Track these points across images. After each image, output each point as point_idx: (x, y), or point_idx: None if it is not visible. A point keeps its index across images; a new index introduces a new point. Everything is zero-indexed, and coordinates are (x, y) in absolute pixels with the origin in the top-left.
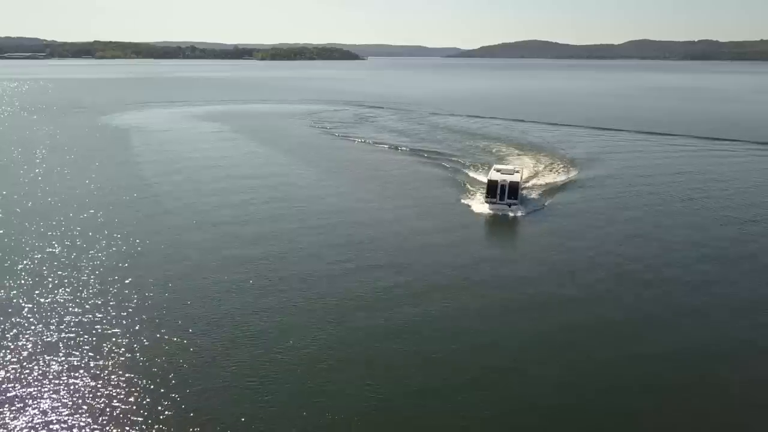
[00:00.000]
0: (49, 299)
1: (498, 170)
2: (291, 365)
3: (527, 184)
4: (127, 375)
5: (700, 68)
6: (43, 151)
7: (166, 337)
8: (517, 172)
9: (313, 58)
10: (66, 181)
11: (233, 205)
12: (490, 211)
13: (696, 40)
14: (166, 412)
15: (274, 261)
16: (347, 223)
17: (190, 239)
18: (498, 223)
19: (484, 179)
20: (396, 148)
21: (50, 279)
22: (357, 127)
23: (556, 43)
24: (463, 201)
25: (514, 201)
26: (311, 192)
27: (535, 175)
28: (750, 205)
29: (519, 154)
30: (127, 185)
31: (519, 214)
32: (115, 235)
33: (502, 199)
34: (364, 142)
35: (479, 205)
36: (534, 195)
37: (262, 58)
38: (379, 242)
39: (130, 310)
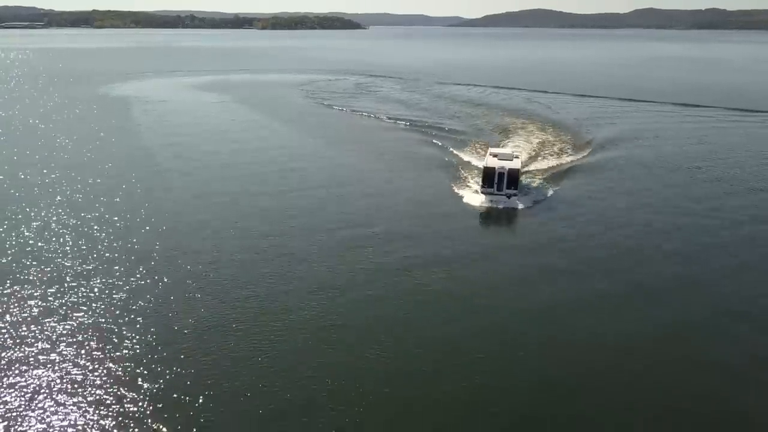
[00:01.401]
0: (49, 268)
1: (495, 155)
2: (287, 335)
3: (527, 168)
4: (120, 349)
5: (707, 37)
6: (44, 122)
7: (164, 302)
8: (517, 157)
9: (314, 28)
10: (67, 150)
11: (233, 176)
12: (487, 203)
13: (703, 8)
14: (163, 378)
15: (265, 235)
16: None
17: (190, 209)
18: (495, 218)
19: (480, 163)
20: (395, 120)
21: (49, 248)
22: (357, 98)
23: (560, 12)
24: (455, 190)
25: (514, 191)
26: (295, 167)
27: (536, 156)
28: None
29: (521, 128)
30: (127, 155)
31: (519, 206)
32: (114, 205)
33: (500, 188)
34: (362, 114)
35: (474, 195)
36: (535, 182)
37: (263, 28)
38: (365, 242)
39: (130, 280)
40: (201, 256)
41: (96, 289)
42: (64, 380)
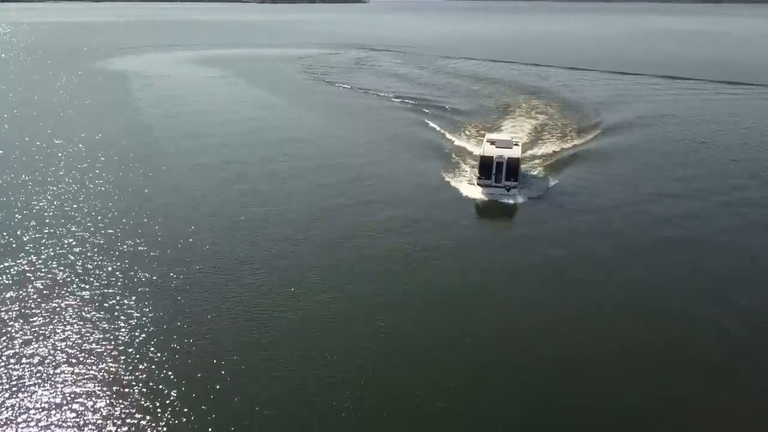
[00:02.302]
0: (50, 242)
1: (492, 142)
2: (281, 312)
3: (528, 152)
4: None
5: (714, 11)
6: (41, 97)
7: (161, 276)
8: (516, 144)
9: (314, 1)
10: (66, 125)
11: (232, 152)
12: (483, 197)
13: None
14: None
15: (255, 217)
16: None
17: (189, 183)
18: (492, 214)
19: (477, 150)
20: (391, 98)
21: (49, 222)
22: (355, 73)
23: None
24: (449, 181)
25: (513, 183)
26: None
27: (538, 140)
28: None
29: (523, 105)
30: (126, 130)
31: (519, 200)
32: (113, 180)
33: (498, 180)
34: (359, 90)
35: (469, 187)
36: (536, 171)
37: (261, 1)
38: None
39: (126, 254)
40: (200, 229)
41: (92, 266)
42: (60, 351)
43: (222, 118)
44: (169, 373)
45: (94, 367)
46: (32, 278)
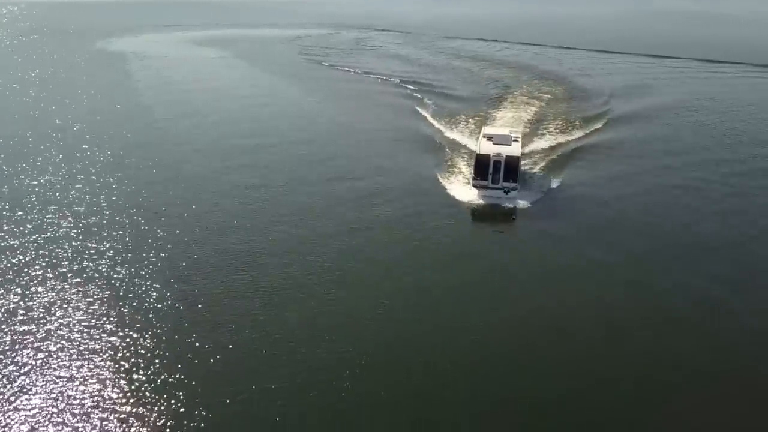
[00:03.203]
0: (46, 222)
1: (489, 137)
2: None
3: (528, 147)
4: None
5: None
6: (39, 78)
7: (158, 252)
8: (516, 140)
9: None
10: (64, 106)
11: (232, 134)
12: (479, 200)
13: None
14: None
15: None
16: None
17: (190, 164)
18: (489, 220)
19: (472, 143)
20: (386, 81)
21: (47, 204)
22: (354, 55)
23: None
24: (441, 181)
25: (513, 184)
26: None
27: (538, 130)
28: None
29: (526, 87)
30: (125, 111)
31: (520, 204)
32: (113, 160)
33: (495, 180)
34: (359, 72)
35: (464, 188)
36: (538, 168)
37: None
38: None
39: (126, 233)
40: (199, 208)
41: (92, 245)
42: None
43: (220, 98)
44: (163, 353)
45: (94, 360)
46: (28, 256)
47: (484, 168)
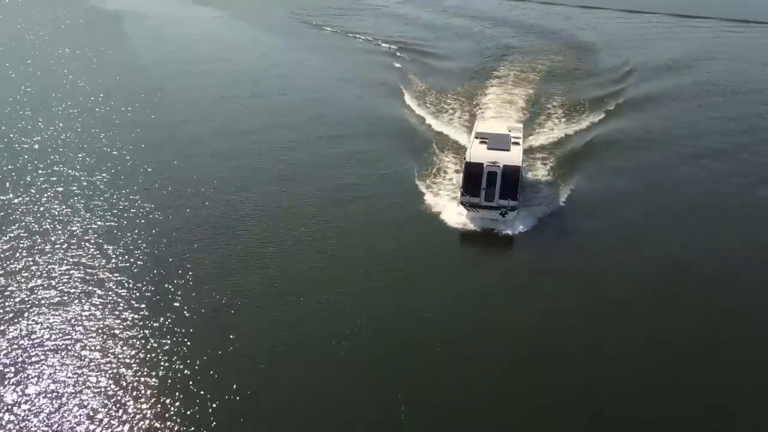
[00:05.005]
0: (39, 184)
1: (483, 138)
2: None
3: (531, 138)
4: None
5: None
6: (32, 39)
7: (153, 220)
8: (516, 142)
9: None
10: (58, 67)
11: (230, 95)
12: (469, 223)
13: None
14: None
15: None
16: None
17: (188, 123)
18: (481, 251)
19: (465, 136)
20: (372, 49)
21: (43, 166)
22: (353, 14)
23: None
24: (426, 198)
25: (512, 203)
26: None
27: (541, 114)
28: None
29: (531, 55)
30: (121, 73)
31: (520, 229)
32: (109, 122)
33: (489, 197)
34: (352, 35)
35: (452, 206)
36: (542, 173)
37: None
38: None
39: (122, 195)
40: (197, 168)
41: (88, 207)
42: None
43: (217, 58)
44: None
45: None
46: (26, 221)
47: (476, 181)
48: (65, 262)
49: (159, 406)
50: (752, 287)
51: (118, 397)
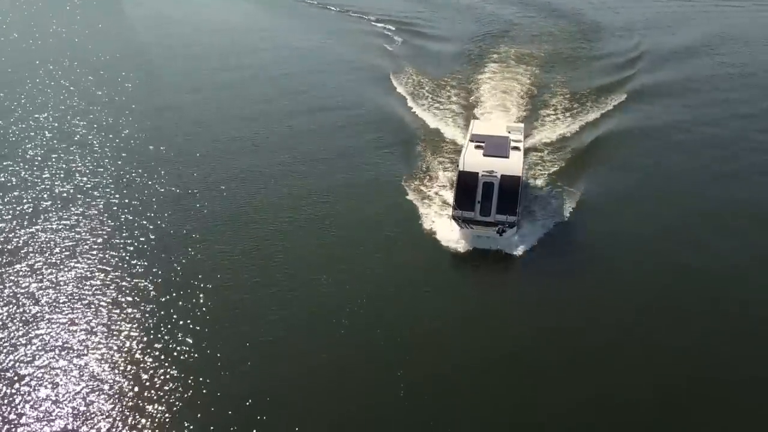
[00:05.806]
0: (35, 167)
1: (479, 141)
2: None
3: (531, 137)
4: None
5: None
6: (26, 14)
7: (152, 204)
8: (517, 146)
9: None
10: (54, 44)
11: (229, 77)
12: (462, 242)
13: None
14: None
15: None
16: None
17: (187, 104)
18: (476, 275)
19: (459, 136)
20: (374, 22)
21: (42, 146)
22: None
23: None
24: (418, 210)
25: (511, 218)
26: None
27: (544, 107)
28: None
29: (535, 39)
30: (119, 51)
31: (519, 249)
32: (106, 102)
33: (485, 211)
34: (356, 14)
35: (444, 223)
36: (542, 182)
37: None
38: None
39: (119, 177)
40: (196, 149)
41: (83, 188)
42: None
43: (216, 37)
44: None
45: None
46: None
47: (469, 193)
48: (61, 259)
49: (162, 393)
50: None
51: (118, 390)
